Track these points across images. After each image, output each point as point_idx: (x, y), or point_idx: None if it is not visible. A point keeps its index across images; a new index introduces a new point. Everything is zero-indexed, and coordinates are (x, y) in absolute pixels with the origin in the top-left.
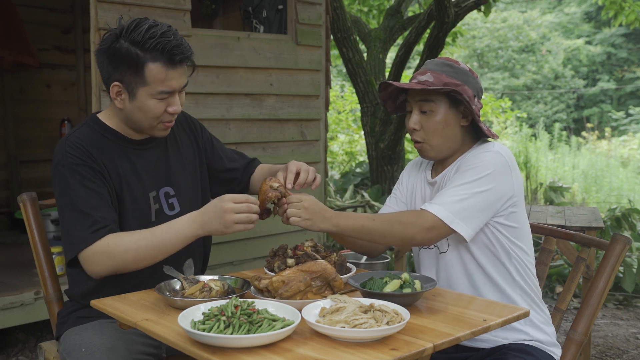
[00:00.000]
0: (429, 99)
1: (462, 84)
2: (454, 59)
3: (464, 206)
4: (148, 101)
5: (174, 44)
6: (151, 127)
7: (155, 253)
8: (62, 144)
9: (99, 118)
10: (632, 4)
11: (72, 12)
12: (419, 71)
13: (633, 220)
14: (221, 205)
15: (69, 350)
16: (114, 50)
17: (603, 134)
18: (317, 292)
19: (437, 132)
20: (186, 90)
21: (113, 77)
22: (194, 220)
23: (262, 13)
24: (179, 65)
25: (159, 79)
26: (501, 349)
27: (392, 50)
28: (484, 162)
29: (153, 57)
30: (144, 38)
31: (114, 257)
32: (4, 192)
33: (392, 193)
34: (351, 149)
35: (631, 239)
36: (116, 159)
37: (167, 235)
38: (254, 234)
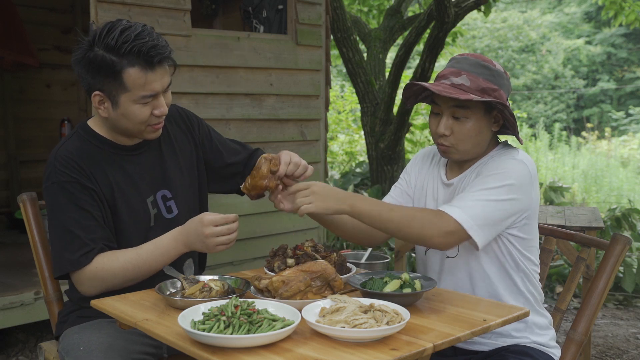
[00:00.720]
0: (464, 105)
1: (498, 89)
2: (486, 57)
3: (484, 213)
4: (132, 107)
5: (149, 45)
6: (140, 131)
7: (143, 273)
8: (52, 158)
9: (89, 126)
10: (632, 4)
11: (72, 12)
12: (451, 69)
13: (633, 220)
14: (202, 230)
15: (67, 349)
16: (89, 59)
17: (603, 134)
18: (317, 292)
19: (469, 139)
20: (186, 90)
21: (93, 86)
22: (177, 240)
23: (262, 13)
24: (158, 67)
25: (139, 84)
26: (500, 351)
27: (392, 50)
28: (508, 171)
29: (130, 61)
30: (117, 43)
31: (105, 280)
32: (4, 192)
33: (397, 183)
34: (351, 149)
35: (631, 239)
36: (108, 168)
37: (152, 256)
38: (254, 234)
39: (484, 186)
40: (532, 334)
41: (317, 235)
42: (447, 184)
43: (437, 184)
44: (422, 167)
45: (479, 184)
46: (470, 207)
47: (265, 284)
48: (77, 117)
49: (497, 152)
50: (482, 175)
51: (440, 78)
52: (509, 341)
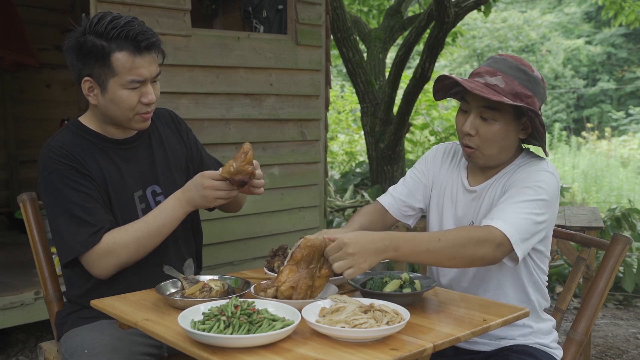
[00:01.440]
0: (494, 106)
1: (532, 96)
2: (526, 61)
3: (525, 227)
4: (120, 92)
5: (138, 31)
6: (128, 119)
7: (154, 240)
8: (44, 150)
9: (80, 121)
10: (632, 4)
11: (72, 12)
12: (488, 68)
13: (633, 220)
14: (202, 182)
15: (71, 351)
16: (79, 45)
17: (603, 134)
18: (322, 272)
19: (495, 143)
20: (186, 90)
21: (83, 72)
22: (180, 199)
23: (262, 13)
24: (145, 52)
25: (127, 68)
26: (502, 350)
27: (392, 50)
28: (544, 184)
29: (118, 45)
30: (107, 29)
31: (118, 254)
32: (4, 192)
33: (412, 171)
34: (351, 149)
35: (631, 239)
36: (100, 161)
37: (160, 220)
38: (254, 234)
39: (523, 198)
40: (537, 338)
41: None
42: (469, 190)
43: (457, 188)
44: (442, 164)
45: (516, 195)
46: (513, 220)
47: (272, 293)
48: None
49: (524, 161)
50: (517, 186)
51: (475, 75)
52: (512, 342)
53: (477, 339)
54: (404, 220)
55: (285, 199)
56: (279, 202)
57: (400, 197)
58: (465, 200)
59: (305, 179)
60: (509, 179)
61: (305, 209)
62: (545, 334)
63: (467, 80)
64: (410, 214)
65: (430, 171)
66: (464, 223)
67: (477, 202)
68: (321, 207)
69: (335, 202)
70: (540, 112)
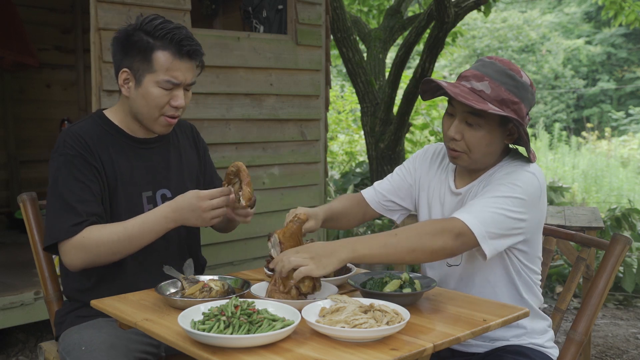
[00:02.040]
0: (479, 113)
1: (519, 102)
2: (516, 66)
3: (494, 221)
4: (152, 89)
5: (184, 36)
6: (153, 118)
7: (129, 248)
8: (63, 133)
9: (105, 114)
10: (632, 4)
11: (72, 12)
12: (475, 72)
13: (633, 220)
14: (199, 205)
15: (68, 349)
16: (126, 37)
17: (603, 134)
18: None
19: (480, 148)
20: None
21: (123, 63)
22: (167, 217)
23: (262, 13)
24: (186, 58)
25: (165, 67)
26: (496, 351)
27: (392, 50)
28: (521, 182)
29: (163, 45)
30: (156, 28)
31: (90, 251)
32: (4, 192)
33: (399, 170)
34: (351, 149)
35: (631, 239)
36: (115, 155)
37: (139, 230)
38: (254, 234)
39: (495, 194)
40: (531, 338)
41: (317, 235)
42: (455, 192)
43: (445, 190)
44: (431, 165)
45: (490, 191)
46: (479, 213)
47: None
48: (77, 117)
49: (507, 162)
50: (494, 183)
51: (462, 79)
52: (506, 343)
53: (472, 340)
54: (388, 214)
55: (285, 199)
56: (279, 202)
57: (383, 191)
58: (451, 203)
59: (305, 179)
60: (492, 178)
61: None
62: (540, 333)
63: (452, 84)
64: (393, 208)
65: (417, 171)
66: None
67: (461, 204)
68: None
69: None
70: (528, 117)
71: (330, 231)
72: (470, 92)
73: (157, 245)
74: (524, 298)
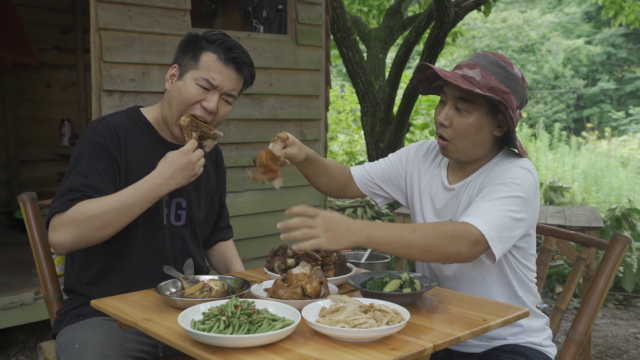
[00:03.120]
0: (468, 98)
1: (509, 92)
2: (508, 60)
3: (502, 225)
4: (189, 83)
5: (234, 45)
6: (179, 114)
7: (122, 217)
8: (97, 120)
9: (141, 111)
10: (632, 4)
11: (72, 12)
12: (467, 62)
13: (633, 220)
14: (190, 159)
15: (63, 347)
16: (190, 39)
17: (603, 134)
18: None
19: (467, 135)
20: None
21: (177, 60)
22: (160, 184)
23: (262, 13)
24: (231, 64)
25: (206, 66)
26: (493, 351)
27: (392, 50)
28: (519, 180)
29: (213, 48)
30: (214, 35)
31: (80, 223)
32: (4, 192)
33: (390, 157)
34: (351, 149)
35: (631, 239)
36: (141, 153)
37: (132, 199)
38: (254, 234)
39: (498, 194)
40: (528, 337)
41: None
42: (448, 188)
43: (437, 185)
44: (424, 160)
45: (491, 192)
46: (490, 217)
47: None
48: (77, 117)
49: (502, 159)
50: (493, 183)
51: (455, 68)
52: (504, 342)
53: (470, 340)
54: (371, 196)
55: (285, 199)
56: (279, 202)
57: (371, 172)
58: (444, 198)
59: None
60: (487, 177)
61: None
62: (537, 332)
63: (443, 70)
64: (377, 192)
65: (409, 163)
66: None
67: (455, 200)
68: (321, 207)
69: (335, 202)
70: (519, 112)
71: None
72: (461, 78)
73: (158, 247)
74: (519, 296)
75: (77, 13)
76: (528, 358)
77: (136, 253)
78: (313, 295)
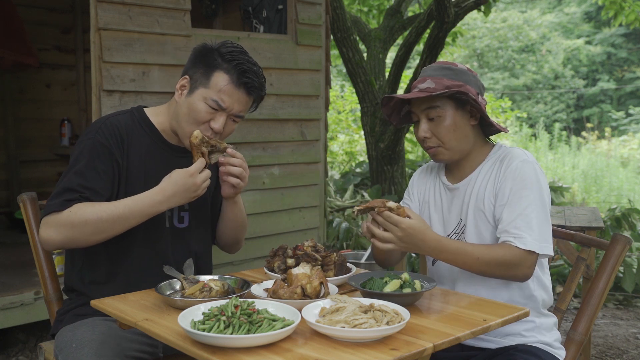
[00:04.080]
0: (434, 105)
1: (464, 84)
2: (451, 61)
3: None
4: (199, 102)
5: (248, 68)
6: (187, 131)
7: (116, 227)
8: (100, 120)
9: (145, 111)
10: (632, 4)
11: (72, 12)
12: (417, 80)
13: (633, 220)
14: (194, 181)
15: (61, 347)
16: (203, 51)
17: (603, 134)
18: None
19: (450, 136)
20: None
21: (188, 71)
22: (161, 202)
23: (262, 13)
24: (243, 88)
25: (218, 87)
26: (507, 350)
27: (392, 50)
28: (536, 178)
29: (226, 68)
30: (229, 52)
31: (74, 226)
32: (4, 192)
33: (402, 201)
34: (351, 149)
35: (631, 239)
36: (144, 154)
37: (130, 211)
38: (254, 234)
39: (524, 203)
40: (539, 334)
41: (317, 235)
42: (451, 188)
43: (440, 189)
44: (420, 177)
45: (518, 202)
46: (531, 231)
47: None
48: (77, 117)
49: (500, 155)
50: (512, 190)
51: (411, 89)
52: (517, 340)
53: (482, 335)
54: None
55: (285, 199)
56: (279, 202)
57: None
58: (449, 199)
59: (305, 179)
60: (497, 177)
61: (305, 209)
62: (548, 330)
63: (405, 95)
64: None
65: (415, 193)
66: (451, 222)
67: (460, 199)
68: (321, 207)
69: (335, 202)
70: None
71: (330, 233)
72: (420, 93)
73: (160, 249)
74: (534, 294)
75: (77, 13)
76: (541, 359)
77: (137, 255)
78: (313, 295)
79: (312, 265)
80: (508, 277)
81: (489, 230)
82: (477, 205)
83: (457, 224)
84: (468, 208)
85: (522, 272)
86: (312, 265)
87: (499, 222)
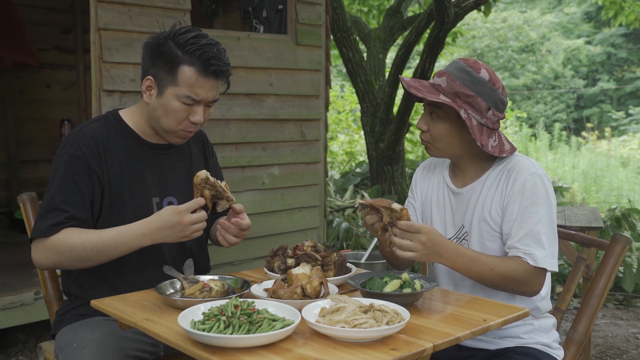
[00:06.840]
0: (438, 105)
1: (475, 95)
2: (479, 64)
3: (551, 241)
4: (173, 102)
5: (212, 55)
6: (170, 130)
7: (101, 257)
8: (75, 131)
9: (120, 115)
10: (632, 4)
11: (72, 12)
12: (440, 70)
13: (633, 220)
14: (180, 219)
15: (61, 347)
16: (157, 45)
17: (603, 134)
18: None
19: (441, 139)
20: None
21: (149, 71)
22: (143, 235)
23: (262, 13)
24: (211, 77)
25: (189, 83)
26: (506, 351)
27: (392, 50)
28: (546, 193)
29: (190, 60)
30: (187, 41)
31: (60, 252)
32: (4, 192)
33: (407, 201)
34: (351, 149)
35: (631, 239)
36: (125, 159)
37: (113, 242)
38: (254, 234)
39: (534, 219)
40: (538, 336)
41: (317, 235)
42: (455, 192)
43: (443, 191)
44: (424, 178)
45: (528, 218)
46: (542, 247)
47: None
48: (77, 117)
49: (507, 164)
50: (522, 204)
51: (432, 77)
52: (515, 342)
53: (481, 336)
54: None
55: (285, 199)
56: (279, 202)
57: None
58: (452, 202)
59: (305, 179)
60: (504, 189)
61: (305, 209)
62: (546, 331)
63: (414, 80)
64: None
65: (417, 192)
66: (452, 226)
67: (464, 205)
68: (321, 207)
69: (335, 202)
70: (491, 111)
71: (330, 233)
72: (429, 86)
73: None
74: (532, 298)
75: (77, 13)
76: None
77: (133, 256)
78: (313, 295)
79: (312, 265)
80: (517, 292)
81: (493, 242)
82: (482, 216)
83: (458, 230)
84: (472, 217)
85: (531, 289)
86: (312, 265)
87: (507, 237)
